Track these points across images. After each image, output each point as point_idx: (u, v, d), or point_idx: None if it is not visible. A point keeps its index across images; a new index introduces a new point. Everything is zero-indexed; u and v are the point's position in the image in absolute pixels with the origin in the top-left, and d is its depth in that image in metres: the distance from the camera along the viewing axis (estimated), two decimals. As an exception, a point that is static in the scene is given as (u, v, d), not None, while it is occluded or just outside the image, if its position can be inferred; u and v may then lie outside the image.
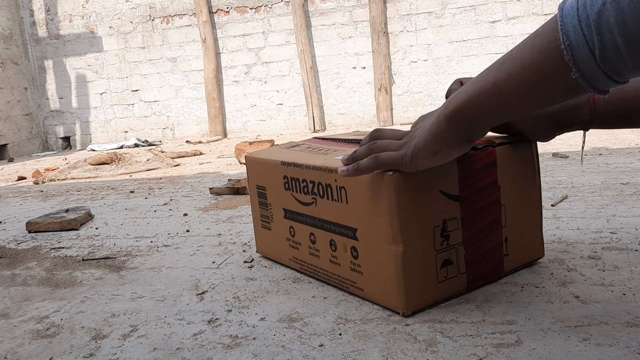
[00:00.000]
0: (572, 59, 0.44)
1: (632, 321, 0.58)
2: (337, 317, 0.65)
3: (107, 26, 4.81)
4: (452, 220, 0.65)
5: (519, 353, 0.53)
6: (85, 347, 0.64)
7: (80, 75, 4.93)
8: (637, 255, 0.78)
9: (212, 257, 0.97)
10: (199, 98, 4.71)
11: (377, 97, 4.31)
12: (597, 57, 0.42)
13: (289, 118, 4.57)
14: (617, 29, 0.40)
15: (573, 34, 0.43)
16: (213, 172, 2.29)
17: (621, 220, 0.96)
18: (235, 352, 0.59)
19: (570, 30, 0.43)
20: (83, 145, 5.00)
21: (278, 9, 4.46)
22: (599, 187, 1.25)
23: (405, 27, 4.27)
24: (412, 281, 0.63)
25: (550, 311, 0.62)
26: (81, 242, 1.18)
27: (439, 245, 0.65)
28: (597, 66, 0.43)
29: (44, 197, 1.94)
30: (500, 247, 0.71)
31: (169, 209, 1.48)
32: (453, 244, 0.66)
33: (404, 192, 0.61)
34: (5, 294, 0.87)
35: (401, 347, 0.57)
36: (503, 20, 4.09)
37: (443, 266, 0.65)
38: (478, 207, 0.67)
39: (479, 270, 0.69)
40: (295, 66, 4.47)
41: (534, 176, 0.74)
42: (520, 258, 0.74)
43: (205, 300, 0.76)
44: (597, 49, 0.42)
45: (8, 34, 4.81)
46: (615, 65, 0.42)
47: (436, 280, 0.65)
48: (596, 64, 0.43)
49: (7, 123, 4.70)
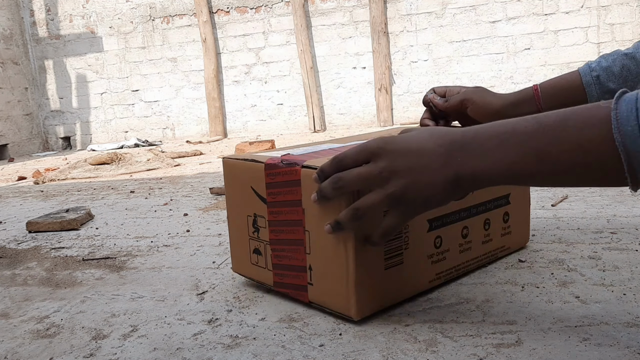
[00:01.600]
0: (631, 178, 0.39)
1: (632, 321, 0.58)
2: (337, 317, 0.65)
3: (107, 26, 4.81)
4: (261, 217, 0.71)
5: (519, 353, 0.53)
6: (86, 347, 0.64)
7: (80, 75, 4.93)
8: (637, 255, 0.78)
9: (212, 257, 0.97)
10: (199, 98, 4.72)
11: (378, 97, 4.31)
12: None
13: (289, 118, 4.57)
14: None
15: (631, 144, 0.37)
16: (213, 172, 2.29)
17: (621, 221, 0.96)
18: (235, 352, 0.59)
19: (629, 144, 0.38)
20: (83, 145, 5.00)
21: (278, 9, 4.46)
22: (599, 187, 1.25)
23: (405, 27, 4.27)
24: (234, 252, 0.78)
25: (550, 311, 0.62)
26: (81, 242, 1.18)
27: (251, 233, 0.73)
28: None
29: (44, 197, 1.94)
30: (304, 271, 0.66)
31: (169, 209, 1.48)
32: (262, 239, 0.72)
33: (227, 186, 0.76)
34: (5, 294, 0.87)
35: (401, 347, 0.57)
36: (503, 20, 4.09)
37: (254, 252, 0.74)
38: (282, 218, 0.68)
39: (283, 278, 0.70)
40: (296, 66, 4.47)
41: None
42: (327, 299, 0.65)
43: (206, 300, 0.76)
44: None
45: (8, 34, 4.81)
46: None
47: (249, 261, 0.75)
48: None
49: (7, 123, 4.70)
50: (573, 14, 4.00)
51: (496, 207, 0.77)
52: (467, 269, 0.75)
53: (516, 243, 0.83)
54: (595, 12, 3.96)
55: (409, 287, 0.67)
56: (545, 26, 4.05)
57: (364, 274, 0.61)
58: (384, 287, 0.64)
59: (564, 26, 4.02)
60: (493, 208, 0.77)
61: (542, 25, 4.05)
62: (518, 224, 0.82)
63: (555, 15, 4.03)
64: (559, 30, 4.04)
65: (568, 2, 3.99)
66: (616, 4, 3.91)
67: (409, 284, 0.67)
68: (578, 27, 4.00)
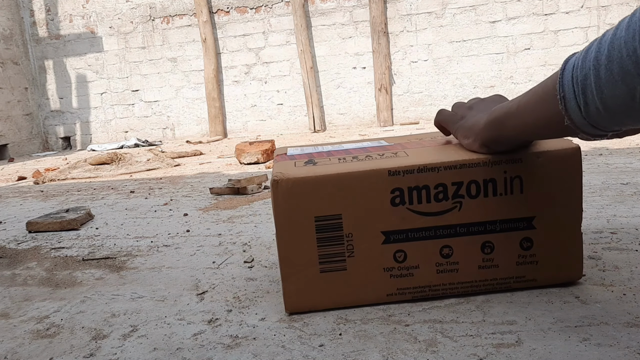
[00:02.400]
0: (564, 109, 0.50)
1: (632, 321, 0.58)
2: (337, 317, 0.65)
3: (107, 26, 4.81)
4: None
5: (519, 353, 0.53)
6: (86, 347, 0.64)
7: (80, 75, 4.93)
8: (637, 255, 0.78)
9: (212, 257, 0.97)
10: (199, 98, 4.72)
11: (377, 97, 4.31)
12: (583, 112, 0.48)
13: (289, 118, 4.57)
14: (596, 93, 0.46)
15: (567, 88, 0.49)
16: (213, 172, 2.29)
17: (621, 221, 0.96)
18: (235, 352, 0.59)
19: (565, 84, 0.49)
20: (83, 145, 5.00)
21: (278, 9, 4.46)
22: (599, 187, 1.25)
23: (405, 27, 4.27)
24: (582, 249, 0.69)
25: (550, 311, 0.62)
26: (81, 242, 1.18)
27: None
28: (584, 118, 0.49)
29: (44, 197, 1.94)
30: None
31: (169, 209, 1.48)
32: None
33: None
34: (5, 294, 0.87)
35: (401, 347, 0.57)
36: (503, 20, 4.09)
37: None
38: None
39: None
40: (296, 66, 4.47)
41: None
42: None
43: (206, 300, 0.76)
44: (582, 105, 0.48)
45: (8, 34, 4.81)
46: (597, 120, 0.48)
47: None
48: (582, 117, 0.48)
49: (7, 123, 4.70)
50: (573, 14, 4.00)
51: (506, 230, 0.67)
52: (455, 293, 0.68)
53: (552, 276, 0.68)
54: (595, 12, 3.96)
55: (354, 295, 0.67)
56: (545, 26, 4.05)
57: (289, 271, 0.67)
58: (319, 289, 0.67)
59: (564, 26, 4.03)
60: (499, 230, 0.66)
61: (542, 25, 4.05)
62: (554, 254, 0.67)
63: (555, 15, 4.03)
64: (559, 30, 4.04)
65: (568, 2, 3.99)
66: (616, 4, 3.92)
67: (355, 291, 0.67)
68: (578, 27, 4.00)
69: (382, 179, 0.65)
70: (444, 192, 0.65)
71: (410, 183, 0.65)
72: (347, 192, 0.65)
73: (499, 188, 0.65)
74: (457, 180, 0.65)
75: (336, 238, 0.66)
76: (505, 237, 0.67)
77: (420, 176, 0.65)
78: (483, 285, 0.68)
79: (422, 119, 4.31)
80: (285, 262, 0.66)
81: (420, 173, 0.65)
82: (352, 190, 0.65)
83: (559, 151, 0.65)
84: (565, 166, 0.65)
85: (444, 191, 0.65)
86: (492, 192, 0.65)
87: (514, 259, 0.67)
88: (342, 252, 0.66)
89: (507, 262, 0.67)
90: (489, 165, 0.65)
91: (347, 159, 0.70)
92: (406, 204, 0.65)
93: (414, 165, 0.65)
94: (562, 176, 0.65)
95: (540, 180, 0.66)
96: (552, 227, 0.66)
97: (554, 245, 0.67)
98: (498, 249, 0.67)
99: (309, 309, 0.67)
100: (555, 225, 0.66)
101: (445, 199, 0.65)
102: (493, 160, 0.65)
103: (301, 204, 0.65)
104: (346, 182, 0.65)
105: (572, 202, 0.66)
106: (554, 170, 0.65)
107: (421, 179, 0.65)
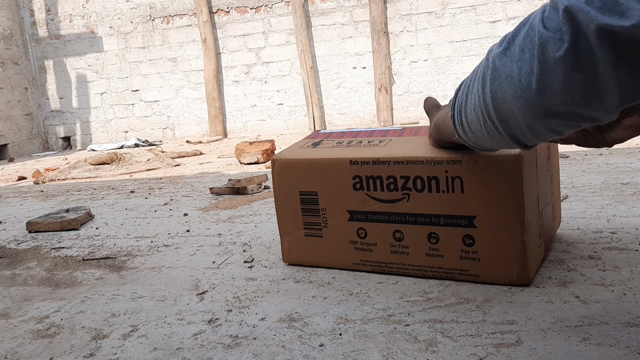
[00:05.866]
0: (453, 125, 0.58)
1: (632, 321, 0.58)
2: (337, 317, 0.65)
3: (107, 26, 4.81)
4: None
5: (519, 353, 0.53)
6: (86, 347, 0.64)
7: (80, 75, 4.93)
8: (637, 255, 0.78)
9: (212, 257, 0.97)
10: (199, 98, 4.72)
11: (377, 97, 4.31)
12: (459, 131, 0.57)
13: (289, 118, 4.57)
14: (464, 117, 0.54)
15: (455, 108, 0.56)
16: (213, 172, 2.29)
17: (621, 220, 0.96)
18: (235, 352, 0.59)
19: (456, 104, 0.57)
20: (83, 145, 5.00)
21: (278, 9, 4.46)
22: (599, 187, 1.25)
23: (405, 27, 4.27)
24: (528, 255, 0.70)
25: (550, 311, 0.62)
26: (81, 242, 1.18)
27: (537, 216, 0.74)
28: (460, 137, 0.58)
29: (44, 197, 1.94)
30: None
31: (169, 209, 1.48)
32: None
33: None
34: (5, 294, 0.87)
35: (401, 347, 0.57)
36: (503, 20, 4.09)
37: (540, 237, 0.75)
38: None
39: None
40: (296, 66, 4.47)
41: None
42: None
43: (206, 300, 0.76)
44: (457, 125, 0.57)
45: (8, 34, 4.81)
46: (465, 140, 0.58)
47: (537, 246, 0.73)
48: (460, 136, 0.58)
49: (7, 123, 4.70)
50: (573, 13, 3.99)
51: (449, 225, 0.72)
52: (407, 273, 0.76)
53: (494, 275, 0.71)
54: (595, 12, 3.96)
55: (329, 258, 0.82)
56: (545, 26, 4.05)
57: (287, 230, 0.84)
58: (303, 248, 0.84)
59: (564, 26, 4.02)
60: (443, 224, 0.72)
61: (542, 25, 4.05)
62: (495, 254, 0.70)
63: (555, 15, 4.02)
64: (559, 30, 4.03)
65: (568, 2, 3.99)
66: (616, 4, 3.91)
67: (329, 255, 0.82)
68: (578, 27, 4.00)
69: (345, 167, 0.77)
70: (395, 184, 0.74)
71: (367, 172, 0.75)
72: (320, 175, 0.79)
73: (442, 186, 0.71)
74: (405, 174, 0.73)
75: (314, 210, 0.81)
76: (448, 231, 0.72)
77: (375, 167, 0.75)
78: (431, 272, 0.75)
79: (422, 118, 4.31)
80: (281, 224, 0.84)
81: (375, 165, 0.75)
82: (324, 173, 0.79)
83: (499, 157, 0.67)
84: (505, 172, 0.67)
85: (394, 182, 0.74)
86: (435, 188, 0.72)
87: (457, 253, 0.72)
88: (319, 222, 0.81)
89: (451, 255, 0.73)
90: (431, 164, 0.71)
91: (343, 143, 0.83)
92: (365, 189, 0.76)
93: (369, 158, 0.75)
94: (502, 181, 0.68)
95: (480, 183, 0.69)
96: (493, 229, 0.70)
97: (494, 246, 0.70)
98: (443, 241, 0.73)
99: (298, 262, 0.85)
100: (496, 227, 0.69)
101: (395, 190, 0.74)
102: (435, 159, 0.71)
103: (290, 180, 0.82)
104: (319, 166, 0.79)
105: (512, 206, 0.68)
106: (494, 174, 0.68)
107: (376, 170, 0.75)
